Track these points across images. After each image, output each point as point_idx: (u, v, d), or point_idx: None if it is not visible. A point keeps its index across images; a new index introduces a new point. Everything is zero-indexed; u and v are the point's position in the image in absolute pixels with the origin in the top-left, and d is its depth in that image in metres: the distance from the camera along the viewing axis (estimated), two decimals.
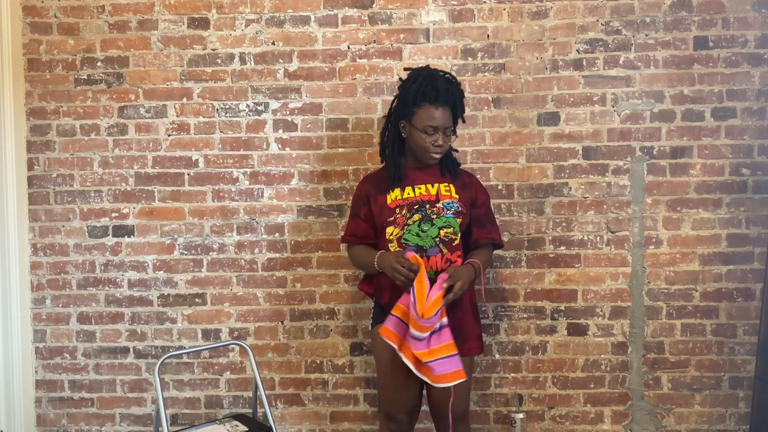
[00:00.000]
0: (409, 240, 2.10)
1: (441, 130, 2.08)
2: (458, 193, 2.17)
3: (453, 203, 2.13)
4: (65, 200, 2.70)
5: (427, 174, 2.18)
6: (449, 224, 2.11)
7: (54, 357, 2.73)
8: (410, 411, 2.16)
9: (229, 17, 2.63)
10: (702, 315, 2.58)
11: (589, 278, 2.60)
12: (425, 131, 2.08)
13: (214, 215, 2.67)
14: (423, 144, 2.10)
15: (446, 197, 2.14)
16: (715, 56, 2.54)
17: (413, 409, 2.17)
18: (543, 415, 2.64)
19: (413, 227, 2.10)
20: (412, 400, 2.15)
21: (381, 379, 2.21)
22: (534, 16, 2.57)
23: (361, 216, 2.22)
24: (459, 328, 2.08)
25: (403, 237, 2.10)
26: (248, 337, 2.68)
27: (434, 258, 2.08)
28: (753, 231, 2.55)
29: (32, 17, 2.67)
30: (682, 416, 2.61)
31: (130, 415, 2.73)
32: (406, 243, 2.10)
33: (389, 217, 2.13)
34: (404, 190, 2.15)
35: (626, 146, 2.57)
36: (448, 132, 2.11)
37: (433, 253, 2.08)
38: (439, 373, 1.94)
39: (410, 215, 2.11)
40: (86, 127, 2.68)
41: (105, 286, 2.71)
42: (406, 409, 2.15)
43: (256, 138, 2.65)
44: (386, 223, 2.13)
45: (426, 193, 2.14)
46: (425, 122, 2.07)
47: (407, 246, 2.09)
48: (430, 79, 2.07)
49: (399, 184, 2.16)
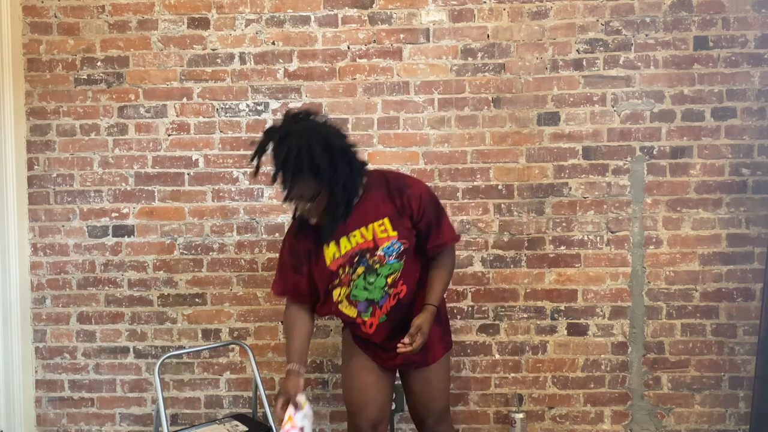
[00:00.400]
0: (358, 296, 1.95)
1: (296, 201, 1.84)
2: (395, 226, 1.91)
3: (392, 245, 1.91)
4: (65, 200, 2.70)
5: (357, 214, 1.90)
6: (394, 269, 1.93)
7: (54, 357, 2.73)
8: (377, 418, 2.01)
9: (229, 17, 2.63)
10: (702, 315, 2.58)
11: (589, 278, 2.60)
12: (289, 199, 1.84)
13: (214, 215, 2.67)
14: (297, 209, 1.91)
15: (383, 240, 1.90)
16: (715, 56, 2.54)
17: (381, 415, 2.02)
18: (543, 415, 2.64)
19: (359, 281, 1.93)
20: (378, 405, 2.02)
21: (346, 380, 2.09)
22: (534, 16, 2.57)
23: (303, 272, 1.97)
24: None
25: (351, 294, 1.95)
26: (248, 337, 2.68)
27: (386, 304, 1.96)
28: (753, 231, 2.55)
29: (32, 17, 2.67)
30: (682, 416, 2.61)
31: (130, 415, 2.73)
32: (355, 299, 1.95)
33: (334, 280, 1.95)
34: (339, 243, 1.93)
35: (626, 146, 2.57)
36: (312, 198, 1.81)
37: (384, 302, 1.96)
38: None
39: (353, 270, 1.93)
40: (86, 127, 2.68)
41: (105, 286, 2.71)
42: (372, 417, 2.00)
43: (257, 138, 2.64)
44: (331, 286, 1.96)
45: (363, 240, 1.92)
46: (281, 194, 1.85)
47: (357, 302, 1.95)
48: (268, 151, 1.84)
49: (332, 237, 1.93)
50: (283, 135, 1.80)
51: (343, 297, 1.96)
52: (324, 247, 1.94)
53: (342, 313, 1.99)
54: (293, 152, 1.75)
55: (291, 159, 1.75)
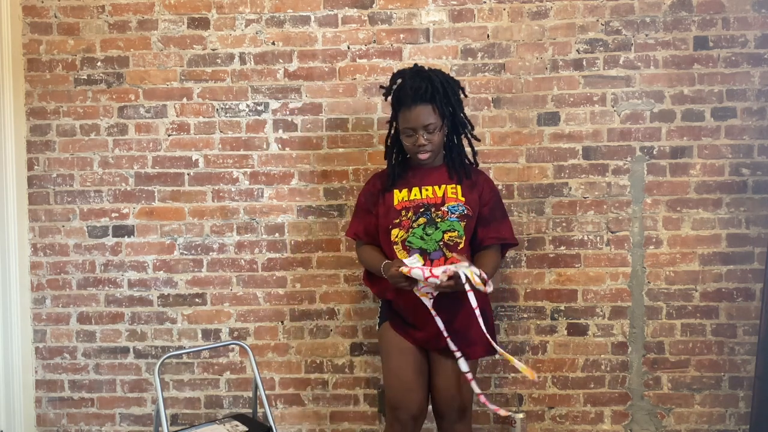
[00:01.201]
0: (413, 243, 2.09)
1: (420, 129, 2.06)
2: (465, 195, 2.13)
3: (458, 206, 2.11)
4: (65, 200, 2.70)
5: (435, 175, 2.16)
6: (453, 228, 2.09)
7: (54, 357, 2.73)
8: (414, 411, 2.12)
9: (229, 17, 2.63)
10: (702, 315, 2.58)
11: (589, 278, 2.60)
12: (405, 133, 2.10)
13: (214, 215, 2.67)
14: (407, 145, 2.12)
15: (452, 200, 2.12)
16: (715, 56, 2.54)
17: (418, 409, 2.10)
18: (543, 415, 2.64)
19: (418, 230, 2.09)
20: (416, 399, 2.10)
21: (386, 376, 2.18)
22: (534, 16, 2.57)
23: (373, 212, 2.20)
24: (465, 333, 2.08)
25: (407, 240, 2.10)
26: (248, 337, 2.68)
27: (437, 261, 2.07)
28: (753, 231, 2.55)
29: (32, 17, 2.67)
30: (682, 416, 2.61)
31: (130, 415, 2.73)
32: (410, 246, 2.09)
33: (395, 219, 2.13)
34: (411, 191, 2.15)
35: (626, 146, 2.57)
36: (430, 129, 2.07)
37: (437, 257, 2.08)
38: None
39: (415, 218, 2.10)
40: (86, 127, 2.68)
41: (105, 286, 2.71)
42: (410, 408, 2.11)
43: (256, 138, 2.65)
44: (392, 225, 2.13)
45: (432, 195, 2.13)
46: (403, 125, 2.10)
47: (411, 249, 2.08)
48: (400, 83, 2.11)
49: (406, 184, 2.16)
50: (417, 70, 2.12)
51: (399, 240, 2.11)
52: (395, 191, 2.16)
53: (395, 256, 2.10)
54: (426, 83, 2.05)
55: (423, 89, 2.04)
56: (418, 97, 2.04)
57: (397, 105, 2.11)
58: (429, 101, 2.05)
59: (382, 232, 2.17)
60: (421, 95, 2.04)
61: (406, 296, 2.09)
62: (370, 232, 2.23)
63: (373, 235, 2.22)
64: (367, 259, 2.21)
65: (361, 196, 2.28)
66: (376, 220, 2.20)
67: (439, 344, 2.08)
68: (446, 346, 2.06)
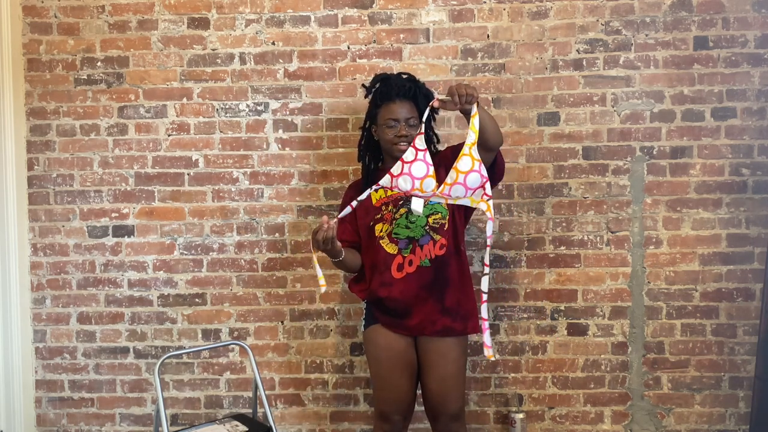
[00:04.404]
0: (399, 233, 2.14)
1: (402, 121, 2.13)
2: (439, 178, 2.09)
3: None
4: (65, 200, 2.70)
5: None
6: (436, 210, 2.14)
7: (54, 357, 2.73)
8: (405, 411, 2.18)
9: (229, 17, 2.63)
10: (702, 315, 2.58)
11: (589, 278, 2.60)
12: (388, 125, 2.15)
13: (214, 215, 2.67)
14: (388, 138, 2.15)
15: None
16: (715, 56, 2.54)
17: (408, 409, 2.19)
18: (543, 415, 2.64)
19: (401, 220, 2.14)
20: (406, 400, 2.17)
21: (375, 379, 2.23)
22: (534, 16, 2.57)
23: (346, 219, 2.21)
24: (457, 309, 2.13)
25: (392, 232, 2.14)
26: (248, 337, 2.68)
27: (427, 246, 2.12)
28: (753, 231, 2.55)
29: (32, 17, 2.67)
30: (682, 416, 2.61)
31: (130, 415, 2.73)
32: (396, 237, 2.14)
33: (376, 215, 2.18)
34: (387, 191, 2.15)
35: (626, 146, 2.57)
36: (411, 122, 2.14)
37: (425, 242, 2.13)
38: None
39: (396, 210, 2.16)
40: (86, 127, 2.68)
41: (105, 286, 2.71)
42: (401, 410, 2.17)
43: (256, 138, 2.65)
44: (373, 221, 2.18)
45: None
46: (386, 117, 2.15)
47: (399, 240, 2.13)
48: (384, 81, 2.20)
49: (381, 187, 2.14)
50: (398, 74, 2.24)
51: (385, 234, 2.15)
52: (372, 192, 2.13)
53: (383, 250, 2.14)
54: (408, 84, 2.17)
55: (407, 87, 2.16)
56: (403, 93, 2.15)
57: (380, 100, 2.18)
58: (411, 98, 2.16)
59: (364, 230, 2.21)
60: (405, 92, 2.16)
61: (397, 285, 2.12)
62: (345, 239, 2.20)
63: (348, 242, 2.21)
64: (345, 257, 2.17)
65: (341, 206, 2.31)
66: (350, 226, 2.23)
67: (435, 326, 2.12)
68: (441, 327, 2.11)
